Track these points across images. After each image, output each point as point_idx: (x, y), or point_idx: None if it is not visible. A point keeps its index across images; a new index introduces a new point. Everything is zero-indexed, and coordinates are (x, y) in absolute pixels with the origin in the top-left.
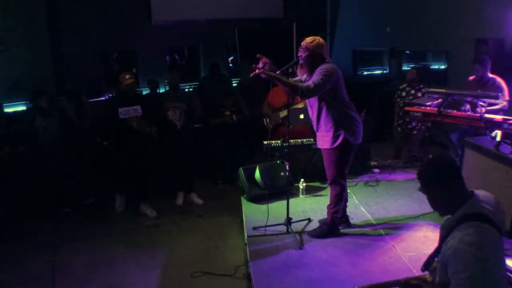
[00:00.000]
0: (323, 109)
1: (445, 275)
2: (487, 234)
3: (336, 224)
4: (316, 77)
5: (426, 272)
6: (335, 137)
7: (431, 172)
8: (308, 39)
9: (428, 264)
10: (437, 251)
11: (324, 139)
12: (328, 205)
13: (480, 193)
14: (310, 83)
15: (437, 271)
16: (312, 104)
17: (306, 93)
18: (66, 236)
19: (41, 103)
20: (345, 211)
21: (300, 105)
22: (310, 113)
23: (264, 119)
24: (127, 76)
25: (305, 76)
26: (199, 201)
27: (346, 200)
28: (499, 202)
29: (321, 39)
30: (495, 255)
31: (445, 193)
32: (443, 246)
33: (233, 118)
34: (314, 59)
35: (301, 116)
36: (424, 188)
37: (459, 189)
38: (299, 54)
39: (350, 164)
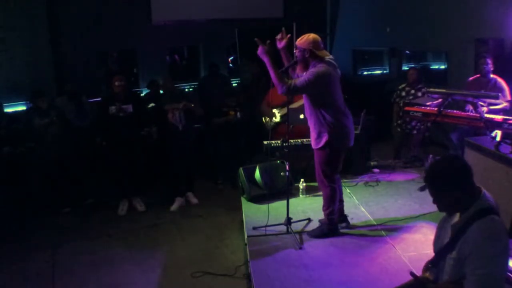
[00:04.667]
0: (312, 109)
1: (458, 272)
2: (502, 226)
3: (334, 223)
4: (303, 78)
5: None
6: (319, 138)
7: (445, 176)
8: (300, 38)
9: (437, 262)
10: (447, 248)
11: (312, 139)
12: (322, 207)
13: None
14: (296, 82)
15: (446, 268)
16: (306, 103)
17: (287, 91)
18: (66, 236)
19: (40, 104)
20: (342, 211)
21: (298, 104)
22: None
23: (263, 118)
24: (116, 83)
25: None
26: (194, 200)
27: (343, 201)
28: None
29: (311, 35)
30: (509, 249)
31: (458, 193)
32: (459, 242)
33: (238, 115)
34: (304, 56)
35: (301, 116)
36: (436, 192)
37: (471, 187)
38: (295, 54)
39: (338, 168)
